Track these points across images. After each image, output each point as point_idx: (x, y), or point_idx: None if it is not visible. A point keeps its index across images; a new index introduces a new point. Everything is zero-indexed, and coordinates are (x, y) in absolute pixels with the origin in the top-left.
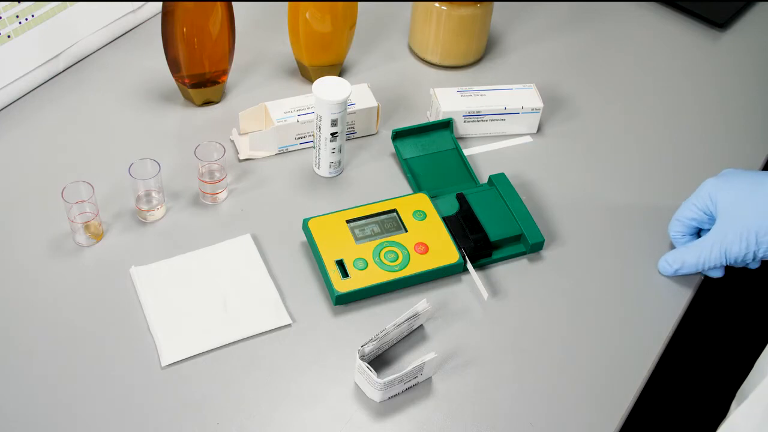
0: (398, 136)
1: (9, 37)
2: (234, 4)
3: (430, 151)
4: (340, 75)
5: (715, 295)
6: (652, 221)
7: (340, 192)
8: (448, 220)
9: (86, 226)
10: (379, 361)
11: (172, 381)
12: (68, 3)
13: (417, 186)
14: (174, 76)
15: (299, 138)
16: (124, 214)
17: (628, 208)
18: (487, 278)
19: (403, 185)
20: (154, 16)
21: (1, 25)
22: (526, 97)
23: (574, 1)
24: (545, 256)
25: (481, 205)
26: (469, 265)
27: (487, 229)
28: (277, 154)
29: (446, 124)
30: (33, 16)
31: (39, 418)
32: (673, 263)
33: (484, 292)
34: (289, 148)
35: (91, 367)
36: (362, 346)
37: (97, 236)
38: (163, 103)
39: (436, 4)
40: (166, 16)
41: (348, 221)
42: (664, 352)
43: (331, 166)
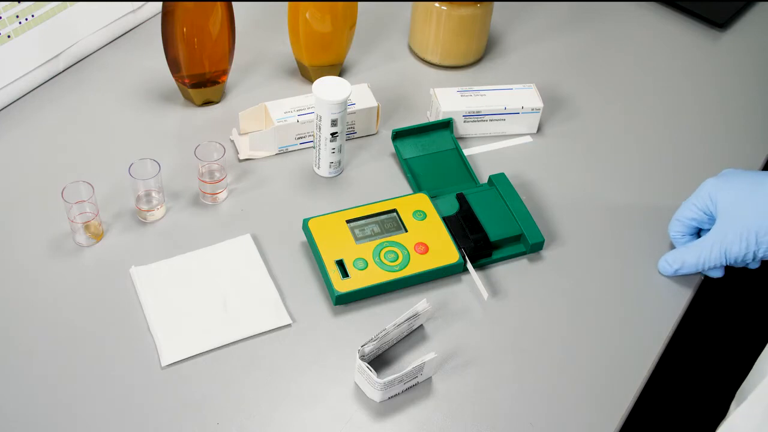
0: (398, 136)
1: (9, 37)
2: (234, 4)
3: (430, 151)
4: (340, 75)
5: (715, 295)
6: (652, 221)
7: (340, 192)
8: (448, 220)
9: (86, 226)
10: (379, 361)
11: (172, 381)
12: (68, 3)
13: (417, 186)
14: (174, 76)
15: (299, 138)
16: (124, 214)
17: (628, 208)
18: (487, 278)
19: (403, 185)
20: (154, 16)
21: (1, 25)
22: (526, 97)
23: (574, 1)
24: (545, 256)
25: (481, 205)
26: (469, 265)
27: (487, 229)
28: (277, 154)
29: (446, 124)
30: (33, 16)
31: (39, 418)
32: (673, 263)
33: (484, 292)
34: (289, 148)
35: (91, 367)
36: (362, 346)
37: (97, 236)
38: (163, 103)
39: (436, 4)
40: (166, 16)
41: (348, 221)
42: (664, 352)
43: (331, 166)
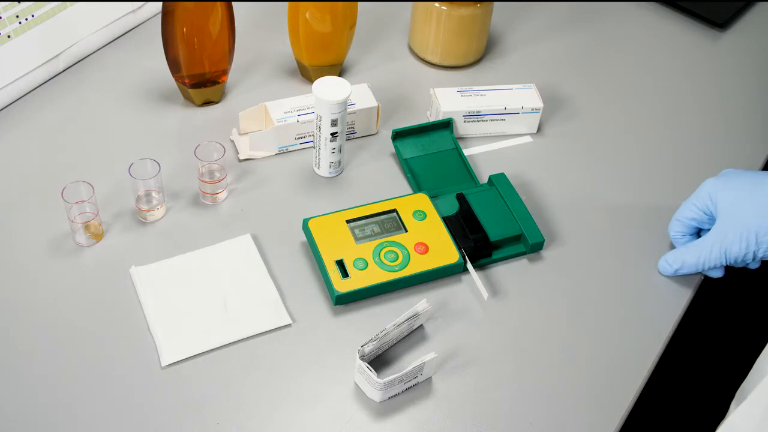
0: (398, 136)
1: (9, 37)
2: (234, 4)
3: (430, 151)
4: (340, 75)
5: (715, 295)
6: (652, 221)
7: (340, 192)
8: (448, 220)
9: (86, 226)
10: (379, 361)
11: (172, 381)
12: (68, 3)
13: (417, 186)
14: (174, 76)
15: (299, 138)
16: (124, 214)
17: (628, 208)
18: (487, 278)
19: (403, 185)
20: (154, 16)
21: (1, 25)
22: (526, 97)
23: (574, 1)
24: (545, 256)
25: (481, 205)
26: (469, 265)
27: (487, 229)
28: (277, 154)
29: (446, 124)
30: (33, 16)
31: (39, 418)
32: (673, 263)
33: (484, 292)
34: (289, 148)
35: (91, 367)
36: (362, 346)
37: (97, 236)
38: (163, 103)
39: (436, 4)
40: (166, 16)
41: (348, 221)
42: (664, 352)
43: (331, 166)
